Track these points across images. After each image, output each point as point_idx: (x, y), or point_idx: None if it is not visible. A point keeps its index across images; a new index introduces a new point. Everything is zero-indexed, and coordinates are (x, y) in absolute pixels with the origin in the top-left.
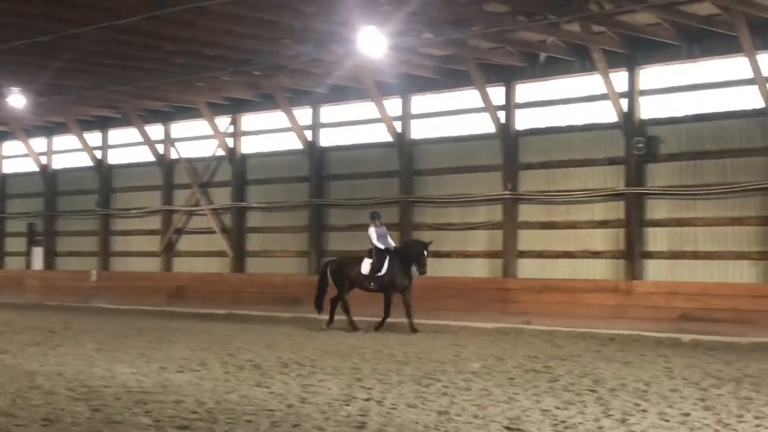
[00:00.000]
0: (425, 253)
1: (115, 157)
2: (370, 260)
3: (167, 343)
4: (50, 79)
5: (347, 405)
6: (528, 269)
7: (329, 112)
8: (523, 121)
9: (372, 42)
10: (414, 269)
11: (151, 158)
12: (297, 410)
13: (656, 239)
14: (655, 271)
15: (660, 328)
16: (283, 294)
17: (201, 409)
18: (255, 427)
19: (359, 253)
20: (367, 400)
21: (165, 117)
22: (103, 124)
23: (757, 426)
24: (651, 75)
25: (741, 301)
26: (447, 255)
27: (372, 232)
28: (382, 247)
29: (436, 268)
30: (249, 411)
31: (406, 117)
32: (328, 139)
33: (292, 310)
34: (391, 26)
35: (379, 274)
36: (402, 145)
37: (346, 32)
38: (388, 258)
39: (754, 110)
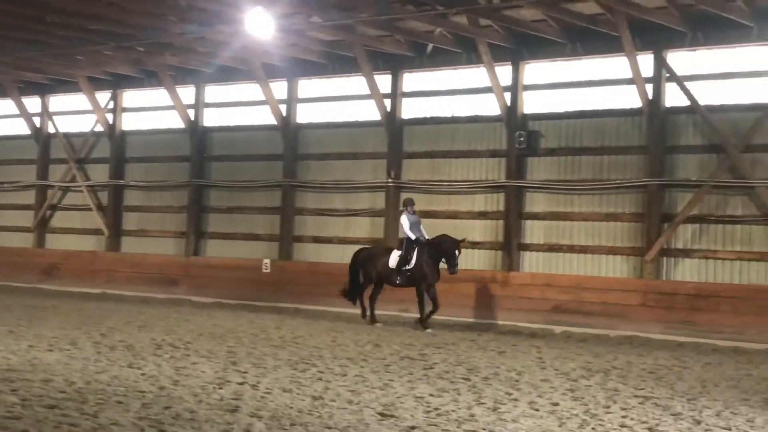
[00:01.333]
0: (457, 252)
1: None
2: (399, 252)
3: (37, 321)
4: None
5: (221, 388)
6: None
7: (214, 92)
8: (409, 110)
9: (259, 23)
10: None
11: (27, 131)
12: (169, 392)
13: (534, 232)
14: (531, 263)
15: (534, 319)
16: (159, 274)
17: (70, 389)
18: (125, 408)
19: (236, 237)
20: (241, 383)
21: (43, 90)
22: None
23: (624, 417)
24: (535, 70)
25: (612, 295)
26: (328, 241)
27: (405, 220)
28: (413, 237)
29: (317, 254)
30: (120, 392)
31: (291, 100)
32: (211, 119)
33: (168, 291)
34: (279, 8)
35: (407, 267)
36: (287, 128)
37: (233, 12)
38: (416, 250)
39: (631, 109)
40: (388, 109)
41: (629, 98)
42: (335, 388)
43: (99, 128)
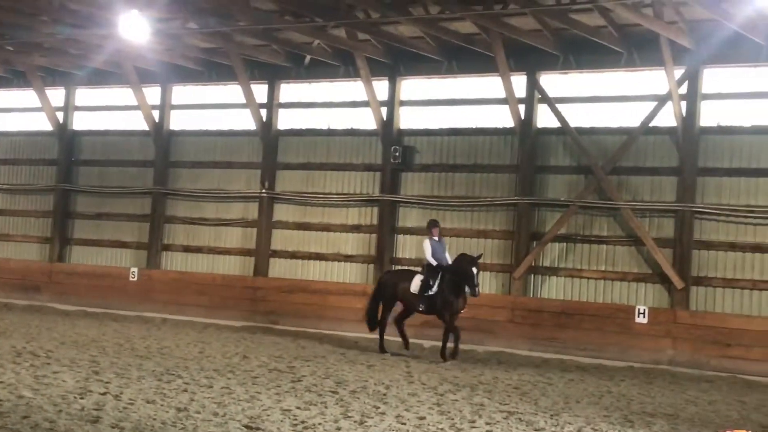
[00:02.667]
0: (475, 270)
1: None
2: (422, 277)
3: None
4: None
5: (82, 398)
6: (280, 269)
7: (85, 96)
8: (285, 120)
9: (134, 27)
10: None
11: None
12: (28, 401)
13: (406, 246)
14: None
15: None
16: (21, 280)
17: None
18: None
19: (104, 244)
20: (104, 394)
21: None
22: None
23: (488, 431)
24: (411, 86)
25: (481, 311)
26: (198, 250)
27: (427, 246)
28: (434, 263)
29: (186, 263)
30: None
31: (165, 107)
32: (81, 122)
33: (30, 297)
34: (155, 12)
35: (429, 293)
36: (159, 135)
37: (107, 14)
38: (440, 275)
39: (504, 129)
40: (264, 119)
41: (502, 118)
42: (201, 399)
43: None
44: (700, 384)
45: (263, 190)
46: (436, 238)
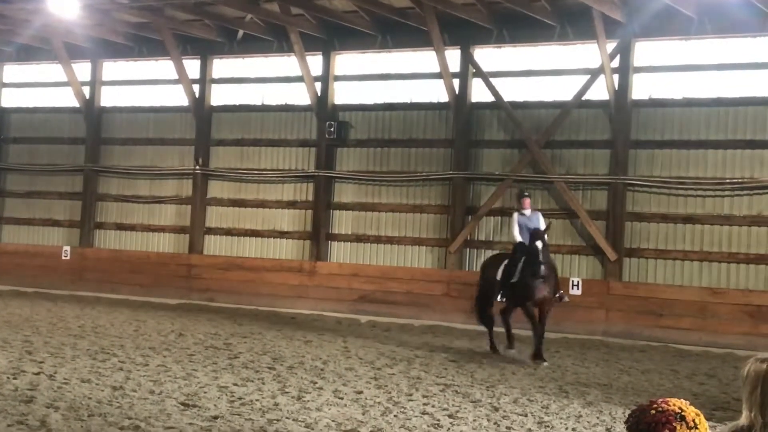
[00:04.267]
0: (539, 245)
1: None
2: (506, 261)
3: None
4: None
5: (15, 378)
6: (215, 246)
7: (13, 72)
8: (218, 96)
9: (63, 1)
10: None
11: None
12: None
13: (342, 222)
14: (339, 253)
15: (341, 309)
16: None
17: None
18: None
19: (35, 222)
20: (38, 374)
21: None
22: None
23: (425, 404)
24: (346, 61)
25: (417, 285)
26: (132, 228)
27: (514, 221)
28: (518, 239)
29: (119, 241)
30: None
31: (95, 83)
32: (10, 100)
33: None
34: None
35: (513, 280)
36: (90, 111)
37: None
38: (523, 259)
39: (439, 103)
40: (197, 95)
41: (437, 92)
42: (137, 378)
43: None
44: (633, 354)
45: (197, 167)
46: (527, 212)
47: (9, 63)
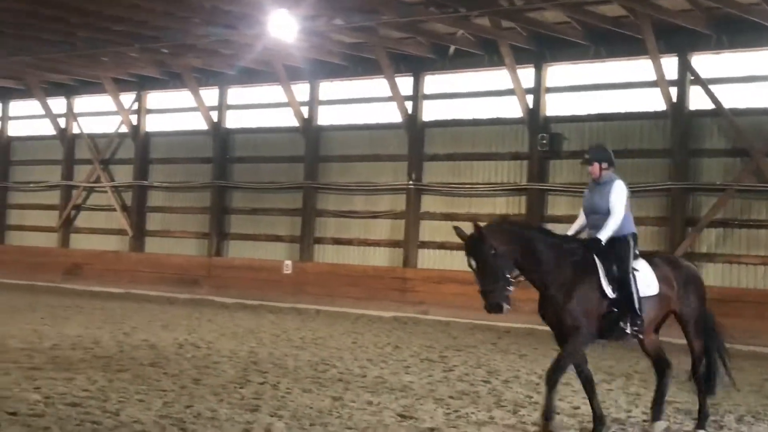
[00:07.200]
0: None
1: (15, 129)
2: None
3: (61, 320)
4: None
5: (242, 388)
6: (428, 260)
7: (237, 94)
8: (430, 112)
9: (282, 25)
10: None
11: (53, 132)
12: (191, 391)
13: None
14: None
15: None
16: (181, 275)
17: (93, 386)
18: (147, 406)
19: (258, 238)
20: (262, 383)
21: (68, 90)
22: (4, 95)
23: (645, 421)
24: (557, 73)
25: None
26: (349, 242)
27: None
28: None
29: (337, 256)
30: (141, 390)
31: (313, 102)
32: (234, 121)
33: (190, 291)
34: (302, 10)
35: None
36: (308, 130)
37: (256, 14)
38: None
39: (655, 113)
40: (410, 112)
41: (653, 101)
42: (355, 389)
43: (123, 129)
44: None
45: (410, 182)
46: (597, 178)
47: (233, 86)
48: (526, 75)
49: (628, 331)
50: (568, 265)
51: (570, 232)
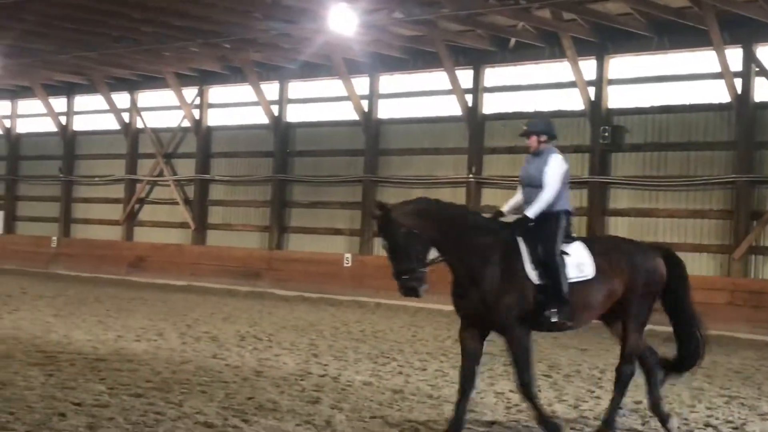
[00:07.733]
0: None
1: (79, 124)
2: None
3: (125, 312)
4: (15, 42)
5: (302, 380)
6: None
7: (297, 88)
8: (491, 105)
9: (342, 19)
10: None
11: (117, 126)
12: (252, 383)
13: (618, 228)
14: None
15: None
16: (243, 268)
17: (156, 378)
18: (209, 397)
19: (318, 231)
20: (323, 376)
21: (131, 85)
22: (69, 90)
23: (709, 416)
24: (620, 64)
25: (697, 294)
26: None
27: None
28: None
29: None
30: (204, 382)
31: (373, 96)
32: (294, 115)
33: (251, 284)
34: (362, 4)
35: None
36: (368, 124)
37: (316, 8)
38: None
39: (719, 104)
40: (470, 104)
41: (717, 93)
42: (415, 382)
43: (186, 124)
44: None
45: (470, 175)
46: (535, 151)
47: (293, 80)
48: (588, 67)
49: (554, 319)
50: (488, 247)
51: (505, 208)
